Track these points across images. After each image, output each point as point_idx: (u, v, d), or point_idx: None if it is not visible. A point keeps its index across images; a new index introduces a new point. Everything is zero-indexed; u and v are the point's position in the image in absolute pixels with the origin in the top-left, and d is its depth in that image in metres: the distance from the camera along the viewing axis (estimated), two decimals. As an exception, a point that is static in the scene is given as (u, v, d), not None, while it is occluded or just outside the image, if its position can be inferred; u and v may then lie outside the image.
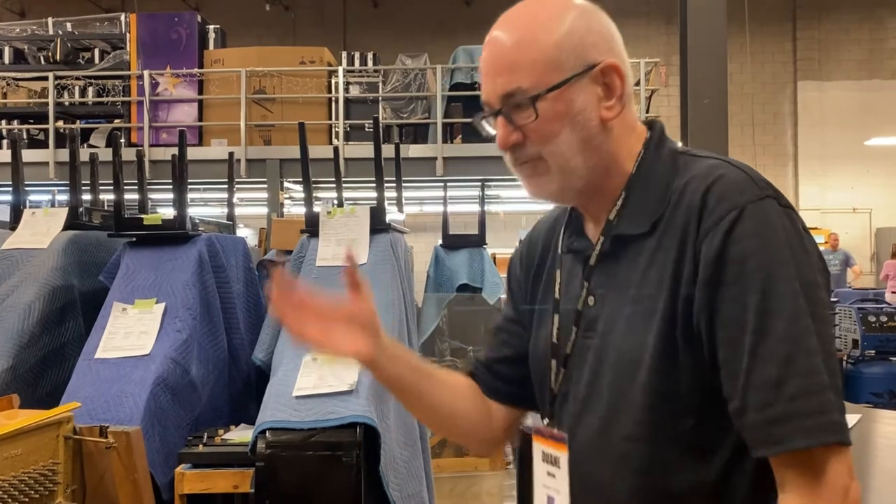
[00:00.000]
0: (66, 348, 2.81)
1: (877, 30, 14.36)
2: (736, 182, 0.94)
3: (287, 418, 2.32)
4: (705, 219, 0.92)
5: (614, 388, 0.98)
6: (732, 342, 0.89)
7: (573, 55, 0.99)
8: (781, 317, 0.87)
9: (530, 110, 0.98)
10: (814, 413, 0.85)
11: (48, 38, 9.39)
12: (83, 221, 3.14)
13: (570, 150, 0.99)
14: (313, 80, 8.82)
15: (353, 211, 2.97)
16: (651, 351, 0.94)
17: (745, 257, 0.89)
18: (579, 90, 0.99)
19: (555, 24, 0.99)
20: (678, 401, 0.94)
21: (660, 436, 0.95)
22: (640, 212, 1.00)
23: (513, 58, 0.99)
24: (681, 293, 0.93)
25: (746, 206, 0.91)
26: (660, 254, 0.97)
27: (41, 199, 8.01)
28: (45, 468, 1.69)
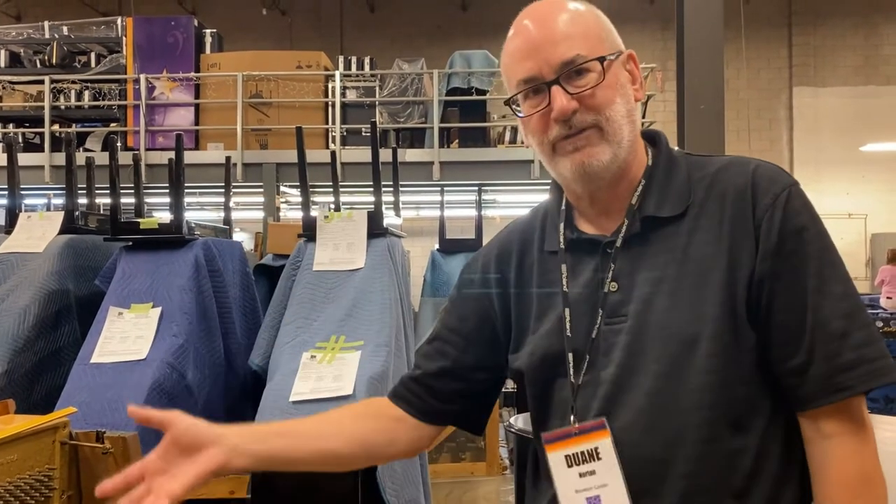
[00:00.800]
0: (61, 353, 2.80)
1: (872, 36, 14.42)
2: (774, 169, 1.06)
3: (284, 423, 2.31)
4: (760, 198, 1.01)
5: (666, 362, 0.99)
6: (795, 305, 0.98)
7: (611, 38, 1.09)
8: (838, 280, 0.99)
9: (590, 76, 1.04)
10: (878, 357, 0.97)
11: (44, 42, 9.38)
12: (79, 225, 3.13)
13: (623, 118, 1.06)
14: (310, 84, 8.82)
15: (350, 215, 2.97)
16: (711, 322, 0.99)
17: (803, 228, 1.00)
18: (618, 67, 1.08)
19: (593, 10, 1.09)
20: (738, 368, 0.99)
21: (719, 402, 0.99)
22: (667, 198, 1.06)
23: (567, 30, 1.05)
24: (742, 265, 1.00)
25: (792, 186, 1.03)
26: (700, 234, 1.03)
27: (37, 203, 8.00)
28: (40, 474, 1.68)
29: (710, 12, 7.12)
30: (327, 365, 2.51)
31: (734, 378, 0.99)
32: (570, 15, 1.06)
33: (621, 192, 1.09)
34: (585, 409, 1.04)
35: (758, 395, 1.00)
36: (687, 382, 0.98)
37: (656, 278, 1.02)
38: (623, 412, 1.01)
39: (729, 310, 0.99)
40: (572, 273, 1.09)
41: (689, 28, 7.17)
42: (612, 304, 1.04)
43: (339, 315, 2.69)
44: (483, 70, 8.84)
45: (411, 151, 8.74)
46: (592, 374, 1.04)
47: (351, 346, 2.57)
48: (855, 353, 0.96)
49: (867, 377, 0.96)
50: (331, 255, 2.89)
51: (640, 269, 1.04)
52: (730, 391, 0.99)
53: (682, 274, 1.01)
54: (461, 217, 10.10)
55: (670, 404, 0.99)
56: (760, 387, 1.00)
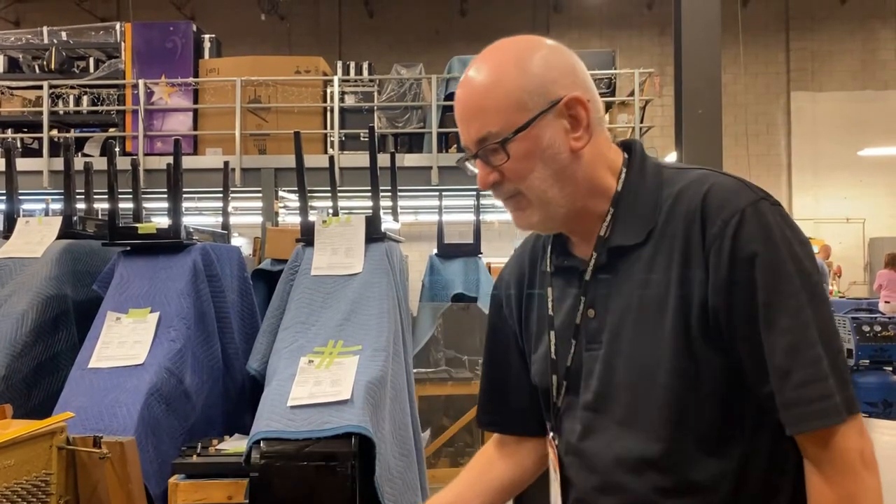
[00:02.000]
0: (59, 358, 2.80)
1: (869, 41, 14.45)
2: (730, 188, 1.02)
3: (282, 428, 2.31)
4: (709, 225, 0.99)
5: (631, 390, 1.03)
6: (748, 337, 0.97)
7: (536, 94, 1.04)
8: (786, 310, 0.95)
9: (501, 153, 1.04)
10: (815, 400, 0.94)
11: (43, 47, 9.38)
12: (77, 230, 3.14)
13: (545, 183, 1.05)
14: (308, 89, 8.82)
15: (348, 220, 2.97)
16: (667, 350, 1.00)
17: (752, 258, 0.97)
18: (545, 126, 1.04)
19: (517, 69, 1.05)
20: (698, 393, 0.99)
21: (682, 430, 1.00)
22: (632, 224, 1.06)
23: (481, 104, 1.05)
24: (694, 294, 0.99)
25: (746, 209, 0.98)
26: (659, 259, 1.03)
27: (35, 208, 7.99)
28: (37, 479, 1.68)
29: (707, 17, 7.13)
30: (325, 370, 2.51)
31: (695, 406, 1.00)
32: (487, 80, 1.05)
33: (590, 223, 1.10)
34: (568, 428, 1.11)
35: (730, 416, 1.00)
36: (647, 413, 1.02)
37: (623, 306, 1.05)
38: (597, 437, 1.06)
39: (683, 339, 0.99)
40: (559, 297, 1.13)
41: (686, 33, 7.18)
42: (590, 331, 1.08)
43: (337, 320, 2.69)
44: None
45: (410, 156, 8.74)
46: (572, 398, 1.10)
47: (349, 350, 2.57)
48: (794, 392, 0.94)
49: (806, 418, 0.94)
50: (329, 259, 2.89)
51: (611, 296, 1.06)
52: (690, 420, 1.00)
53: (644, 303, 1.03)
54: (459, 222, 10.10)
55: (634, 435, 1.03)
56: (734, 408, 1.00)
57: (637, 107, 8.44)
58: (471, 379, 5.35)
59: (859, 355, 6.59)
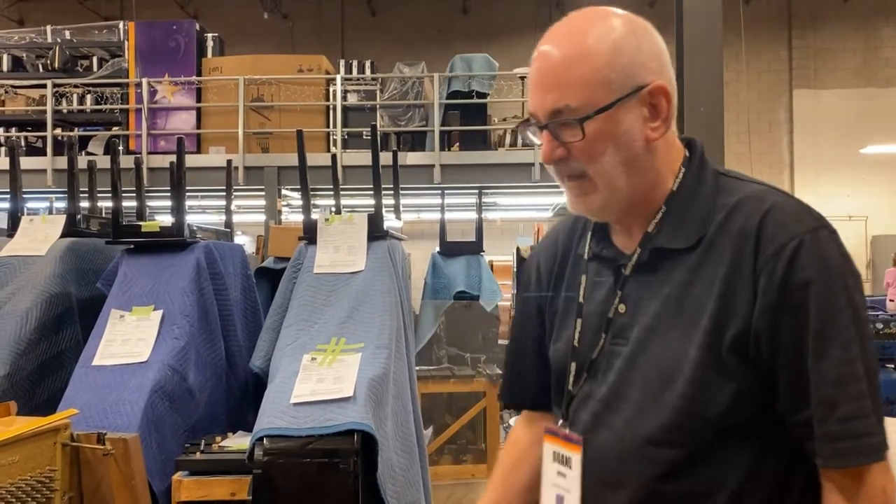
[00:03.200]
0: (63, 355, 2.81)
1: (872, 38, 14.42)
2: (792, 211, 0.98)
3: (285, 425, 2.32)
4: (764, 247, 0.96)
5: (646, 392, 1.00)
6: (792, 364, 0.95)
7: (623, 75, 0.99)
8: (838, 343, 0.93)
9: (577, 129, 0.98)
10: (859, 436, 0.92)
11: (46, 46, 9.40)
12: (81, 228, 3.15)
13: (615, 169, 1.00)
14: (311, 88, 8.83)
15: (350, 218, 2.98)
16: (691, 363, 0.97)
17: (807, 285, 0.94)
18: (626, 111, 0.99)
19: (606, 42, 0.99)
20: (712, 410, 0.97)
21: (684, 441, 0.98)
22: (682, 228, 1.02)
23: (563, 75, 0.99)
24: (734, 314, 0.96)
25: (805, 236, 0.95)
26: (704, 269, 0.99)
27: (39, 207, 8.01)
28: (42, 475, 1.69)
29: (709, 15, 7.12)
30: (328, 367, 2.52)
31: (705, 420, 0.97)
32: (576, 51, 0.99)
33: (641, 217, 1.05)
34: (576, 419, 1.07)
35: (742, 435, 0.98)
36: (656, 416, 0.99)
37: (658, 309, 1.01)
38: (603, 432, 1.03)
39: (711, 356, 0.96)
40: (591, 285, 1.09)
41: (688, 31, 7.17)
42: (618, 326, 1.05)
43: (340, 317, 2.70)
44: (484, 73, 8.85)
45: (412, 154, 8.75)
46: (589, 389, 1.07)
47: (351, 348, 2.58)
48: (840, 425, 0.93)
49: (844, 453, 0.93)
50: (331, 257, 2.90)
51: (645, 297, 1.03)
52: (695, 432, 0.98)
53: (679, 311, 1.00)
54: (462, 220, 10.11)
55: (638, 436, 1.00)
56: (749, 428, 0.98)
57: (639, 105, 8.44)
58: (473, 376, 5.36)
59: (862, 353, 6.59)
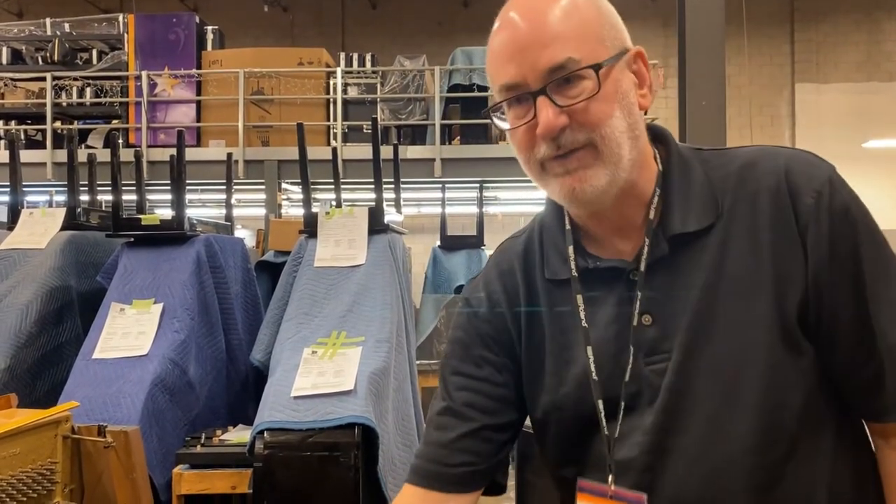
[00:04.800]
0: (63, 349, 2.81)
1: (874, 32, 14.39)
2: (807, 158, 0.94)
3: (285, 419, 2.32)
4: (801, 198, 0.89)
5: (717, 398, 0.88)
6: (858, 316, 0.87)
7: (614, 34, 0.92)
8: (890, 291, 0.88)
9: (583, 84, 0.87)
10: None
11: (46, 39, 9.38)
12: (81, 222, 3.14)
13: (622, 134, 0.88)
14: (311, 81, 8.81)
15: (351, 212, 2.98)
16: (763, 348, 0.87)
17: (854, 225, 0.88)
18: (620, 72, 0.90)
19: (591, 2, 0.92)
20: (795, 398, 0.88)
21: (779, 437, 0.88)
22: (691, 208, 0.91)
23: (558, 28, 0.88)
24: (791, 278, 0.87)
25: (832, 176, 0.91)
26: (735, 244, 0.89)
27: (39, 200, 8.01)
28: (43, 467, 1.69)
29: (711, 8, 7.10)
30: (328, 360, 2.51)
31: (791, 410, 0.87)
32: (564, 7, 0.89)
33: (632, 209, 0.94)
34: (626, 463, 0.91)
35: (819, 420, 0.90)
36: (740, 422, 0.87)
37: (697, 304, 0.89)
38: (671, 463, 0.89)
39: (782, 333, 0.87)
40: (589, 307, 0.94)
41: (690, 24, 7.15)
42: (648, 341, 0.91)
43: (340, 311, 2.70)
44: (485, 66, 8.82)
45: (412, 148, 8.73)
46: (631, 423, 0.91)
47: (352, 341, 2.58)
48: None
49: None
50: (332, 251, 2.90)
51: (674, 297, 0.90)
52: (787, 426, 0.88)
53: (723, 295, 0.88)
54: (462, 214, 10.10)
55: (726, 448, 0.88)
56: (823, 411, 0.90)
57: (641, 98, 8.42)
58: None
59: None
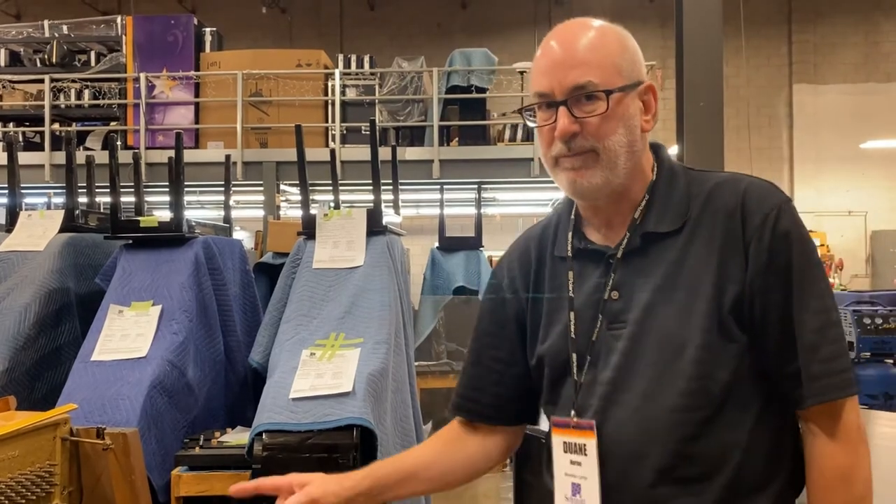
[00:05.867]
0: (62, 351, 2.81)
1: (872, 33, 14.41)
2: (765, 187, 1.15)
3: (284, 420, 2.32)
4: (750, 219, 1.10)
5: (657, 366, 1.10)
6: (784, 317, 1.09)
7: (629, 67, 1.16)
8: (816, 295, 1.09)
9: (597, 104, 1.12)
10: (838, 372, 1.07)
11: (44, 41, 9.38)
12: (79, 224, 3.14)
13: (621, 149, 1.13)
14: (310, 82, 8.81)
15: (349, 213, 2.98)
16: (697, 330, 1.09)
17: (790, 245, 1.09)
18: (631, 99, 1.15)
19: (619, 38, 1.17)
20: (721, 373, 1.09)
21: (703, 404, 1.09)
22: (667, 214, 1.15)
23: (586, 55, 1.13)
24: (730, 280, 1.09)
25: (782, 205, 1.11)
26: (695, 247, 1.12)
27: (37, 202, 8.00)
28: (41, 470, 1.69)
29: (709, 10, 7.10)
30: (327, 362, 2.52)
31: (717, 383, 1.09)
32: (593, 40, 1.14)
33: (623, 207, 1.18)
34: (585, 405, 1.15)
35: (744, 396, 1.10)
36: (673, 385, 1.09)
37: (655, 287, 1.13)
38: (617, 410, 1.12)
39: (715, 321, 1.09)
40: (578, 279, 1.20)
41: (688, 25, 7.16)
42: (612, 311, 1.15)
43: (339, 312, 2.70)
44: (483, 68, 8.83)
45: (411, 150, 8.73)
46: (593, 374, 1.15)
47: (350, 343, 2.58)
48: (821, 365, 1.07)
49: (827, 389, 1.07)
50: (330, 252, 2.90)
51: (638, 280, 1.14)
52: (711, 395, 1.09)
53: (676, 285, 1.11)
54: (461, 215, 10.11)
55: (658, 405, 1.10)
56: (748, 389, 1.10)
57: (639, 100, 8.42)
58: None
59: (860, 348, 6.59)
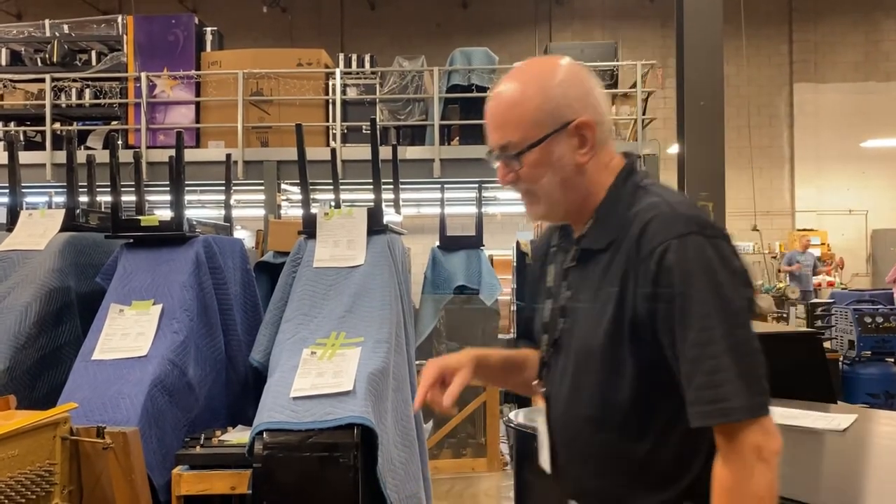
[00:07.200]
0: (62, 350, 2.81)
1: (872, 32, 14.40)
2: (667, 220, 1.22)
3: (284, 419, 2.32)
4: (642, 249, 1.21)
5: (579, 364, 1.30)
6: (671, 345, 1.19)
7: (551, 115, 1.27)
8: (692, 327, 1.16)
9: (517, 160, 1.29)
10: (709, 402, 1.15)
11: (45, 40, 9.37)
12: (80, 223, 3.14)
13: (553, 188, 1.30)
14: (310, 82, 8.81)
15: (350, 212, 2.98)
16: (600, 343, 1.24)
17: (671, 281, 1.18)
18: (557, 142, 1.27)
19: (538, 91, 1.27)
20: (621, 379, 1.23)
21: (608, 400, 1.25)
22: (602, 233, 1.29)
23: (505, 117, 1.29)
24: (627, 302, 1.22)
25: (672, 241, 1.19)
26: (611, 268, 1.26)
27: (38, 201, 8.00)
28: (42, 469, 1.69)
29: (709, 9, 7.11)
30: (327, 361, 2.52)
31: (617, 387, 1.23)
32: (515, 99, 1.28)
33: (581, 222, 1.34)
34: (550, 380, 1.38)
35: (648, 401, 1.23)
36: (584, 384, 1.28)
37: (584, 298, 1.30)
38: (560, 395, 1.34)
39: (613, 334, 1.23)
40: (556, 273, 1.40)
41: (688, 25, 7.16)
42: (567, 308, 1.34)
43: (340, 311, 2.70)
44: (483, 67, 8.82)
45: (412, 149, 8.73)
46: (555, 356, 1.37)
47: (351, 342, 2.58)
48: (694, 393, 1.16)
49: (701, 416, 1.16)
50: (331, 251, 2.90)
51: (580, 286, 1.32)
52: (612, 397, 1.24)
53: (594, 299, 1.27)
54: (462, 214, 10.10)
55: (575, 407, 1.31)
56: (654, 396, 1.23)
57: (639, 99, 8.41)
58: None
59: (861, 346, 6.59)
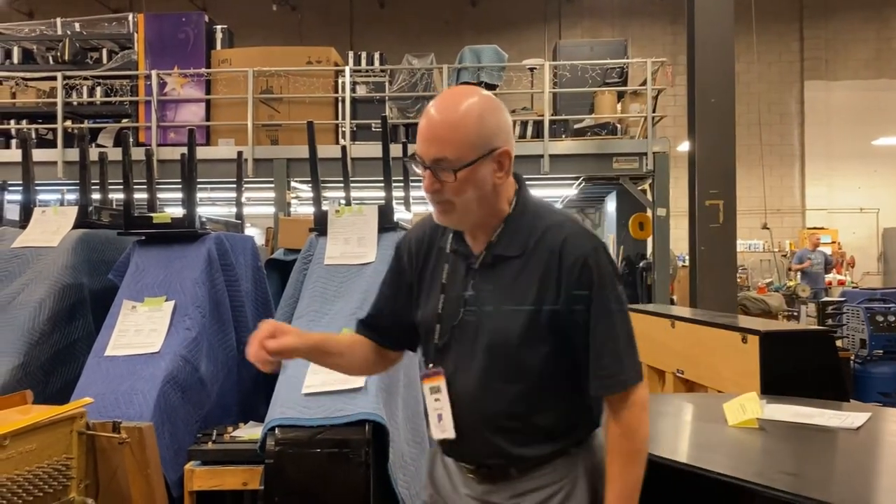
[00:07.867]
0: (76, 346, 2.83)
1: (884, 29, 14.32)
2: (580, 236, 1.53)
3: (296, 416, 2.34)
4: (565, 259, 1.50)
5: (490, 353, 1.53)
6: (583, 335, 1.51)
7: (483, 141, 1.49)
8: (603, 324, 1.51)
9: (451, 174, 1.48)
10: (613, 376, 1.50)
11: (56, 39, 9.42)
12: (93, 220, 3.17)
13: (472, 202, 1.52)
14: (320, 79, 8.82)
15: (360, 210, 2.99)
16: (519, 331, 1.51)
17: (590, 286, 1.50)
18: (483, 166, 1.50)
19: (477, 120, 1.49)
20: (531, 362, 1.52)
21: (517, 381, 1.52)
22: (513, 241, 1.55)
23: (445, 135, 1.48)
24: (546, 300, 1.51)
25: (590, 253, 1.51)
26: (526, 271, 1.53)
27: (50, 199, 8.05)
28: (58, 463, 1.70)
29: (720, 6, 7.08)
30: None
31: (526, 369, 1.52)
32: (455, 120, 1.48)
33: (485, 230, 1.57)
34: (445, 363, 1.58)
35: (553, 379, 1.53)
36: (502, 369, 1.53)
37: (497, 293, 1.54)
38: (464, 376, 1.56)
39: (533, 321, 1.50)
40: (451, 271, 1.61)
41: (699, 22, 7.14)
42: (470, 302, 1.56)
43: (351, 308, 2.71)
44: (493, 65, 8.82)
45: (421, 146, 8.72)
46: (449, 341, 1.58)
47: (362, 339, 2.58)
48: (602, 370, 1.50)
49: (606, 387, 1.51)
50: (342, 249, 2.91)
51: (487, 285, 1.55)
52: (525, 372, 1.52)
53: (510, 296, 1.53)
54: (471, 212, 10.09)
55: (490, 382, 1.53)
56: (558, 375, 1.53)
57: (649, 96, 8.38)
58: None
59: (873, 345, 6.56)
